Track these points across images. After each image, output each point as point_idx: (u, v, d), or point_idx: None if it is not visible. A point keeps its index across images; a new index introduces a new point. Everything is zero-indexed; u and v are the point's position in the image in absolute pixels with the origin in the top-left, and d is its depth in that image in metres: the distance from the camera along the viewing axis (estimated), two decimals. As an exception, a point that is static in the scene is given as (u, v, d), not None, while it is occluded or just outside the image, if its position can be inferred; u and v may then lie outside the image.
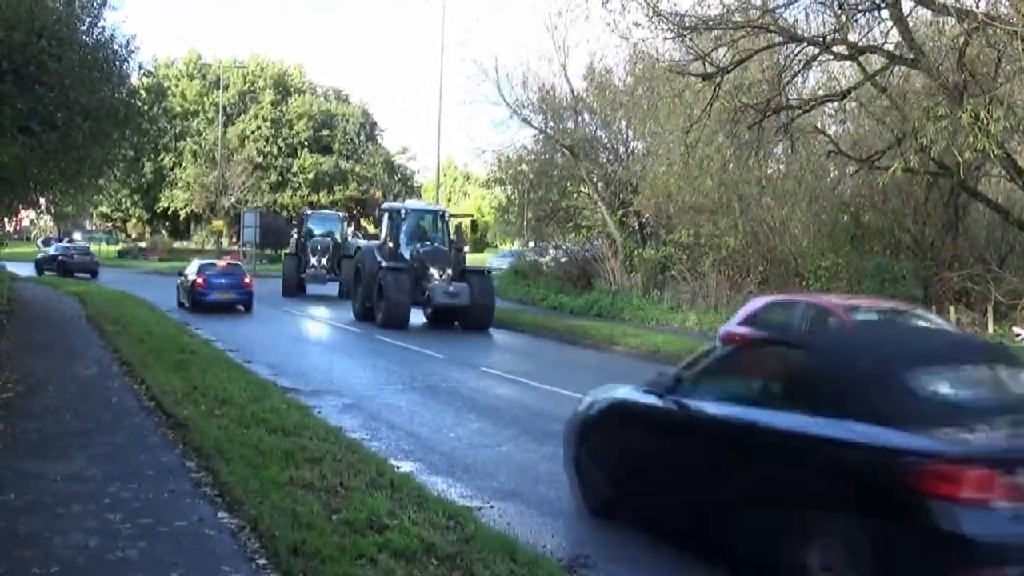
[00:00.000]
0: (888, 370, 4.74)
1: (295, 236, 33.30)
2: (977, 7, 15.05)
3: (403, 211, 23.78)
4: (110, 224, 74.69)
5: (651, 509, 6.10)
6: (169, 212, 67.30)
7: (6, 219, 39.30)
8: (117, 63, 16.39)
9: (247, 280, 26.06)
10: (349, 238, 34.46)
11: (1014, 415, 4.66)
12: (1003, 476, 4.08)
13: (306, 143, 69.86)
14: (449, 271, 21.88)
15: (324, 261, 31.60)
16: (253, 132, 67.50)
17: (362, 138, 73.66)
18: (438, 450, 9.34)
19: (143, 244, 63.72)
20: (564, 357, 18.37)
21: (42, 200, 27.58)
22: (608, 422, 6.56)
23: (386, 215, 23.88)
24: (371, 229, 45.23)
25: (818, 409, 4.76)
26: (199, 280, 25.10)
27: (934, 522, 4.02)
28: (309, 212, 35.58)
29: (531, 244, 39.36)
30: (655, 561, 5.79)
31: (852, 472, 4.45)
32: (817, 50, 16.58)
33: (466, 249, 23.75)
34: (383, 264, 22.04)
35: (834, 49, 16.47)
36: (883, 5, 15.80)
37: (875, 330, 8.89)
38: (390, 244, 23.09)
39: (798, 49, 17.09)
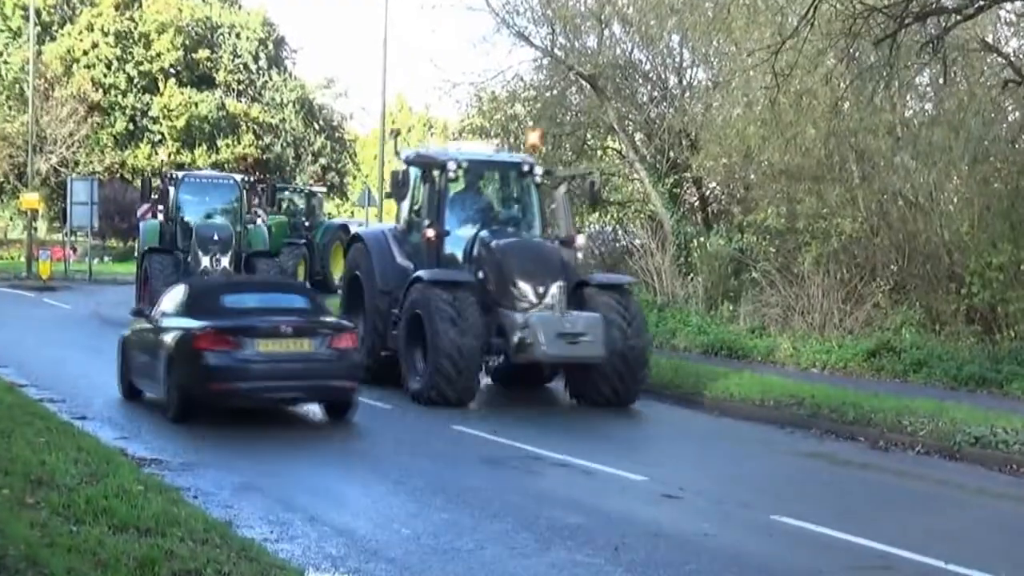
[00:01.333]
0: (207, 293, 16.89)
1: (158, 217, 32.33)
2: None
3: (452, 164, 19.39)
4: None
5: (144, 383, 16.81)
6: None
7: None
8: None
9: None
10: (257, 221, 34.01)
11: (264, 314, 15.72)
12: (222, 337, 15.00)
13: (173, 70, 69.81)
14: (559, 288, 18.16)
15: (225, 262, 29.87)
16: (86, 52, 67.47)
17: (262, 63, 73.68)
18: (384, 555, 9.40)
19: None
20: (577, 412, 18.45)
21: None
22: (130, 338, 17.30)
23: (416, 173, 20.20)
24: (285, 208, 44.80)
25: (184, 315, 15.89)
26: None
27: (200, 359, 14.85)
28: (182, 175, 33.60)
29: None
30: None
31: (180, 339, 15.31)
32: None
33: (580, 240, 20.45)
34: (423, 275, 18.34)
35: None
36: None
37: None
38: (429, 231, 19.23)
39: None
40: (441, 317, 17.32)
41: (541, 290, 18.01)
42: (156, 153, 67.30)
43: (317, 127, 75.02)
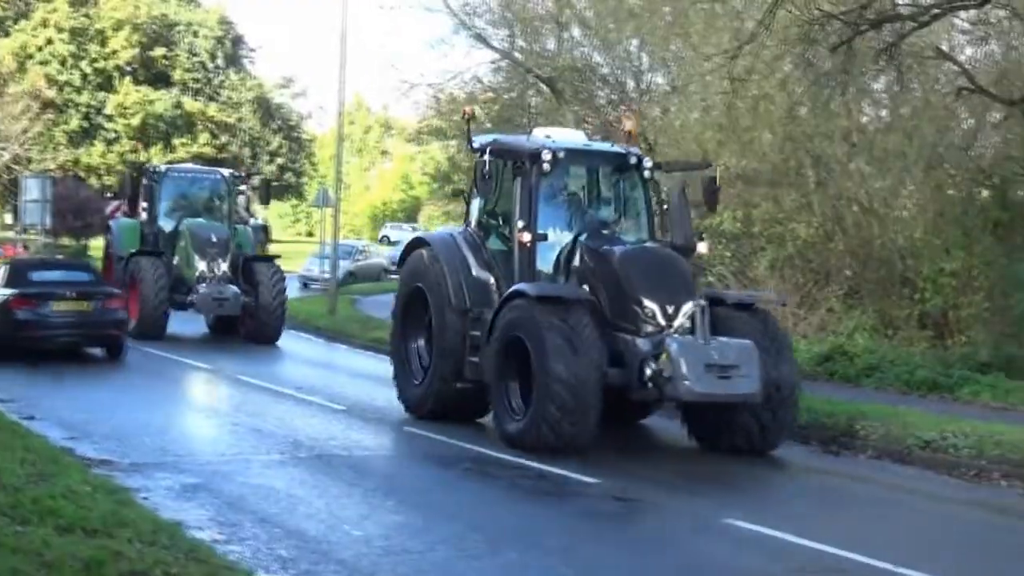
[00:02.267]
0: (21, 270, 22.80)
1: (142, 217, 29.92)
2: None
3: (547, 154, 15.99)
4: None
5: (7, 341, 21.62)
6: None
7: None
8: None
9: None
10: (250, 221, 32.91)
11: (59, 285, 22.11)
12: (27, 300, 21.28)
13: (129, 68, 69.41)
14: (698, 307, 14.74)
15: (225, 267, 27.12)
16: (40, 49, 66.97)
17: (219, 62, 73.35)
18: (334, 557, 9.38)
19: None
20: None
21: None
22: None
23: (500, 162, 16.57)
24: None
25: (3, 286, 21.72)
26: None
27: (13, 315, 21.14)
28: (165, 169, 30.81)
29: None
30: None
31: (0, 303, 21.74)
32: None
33: (703, 248, 17.41)
34: (527, 289, 15.10)
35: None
36: None
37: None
38: (524, 235, 15.96)
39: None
40: (554, 343, 14.11)
41: (671, 310, 14.84)
42: (112, 152, 66.90)
43: (274, 126, 74.82)
